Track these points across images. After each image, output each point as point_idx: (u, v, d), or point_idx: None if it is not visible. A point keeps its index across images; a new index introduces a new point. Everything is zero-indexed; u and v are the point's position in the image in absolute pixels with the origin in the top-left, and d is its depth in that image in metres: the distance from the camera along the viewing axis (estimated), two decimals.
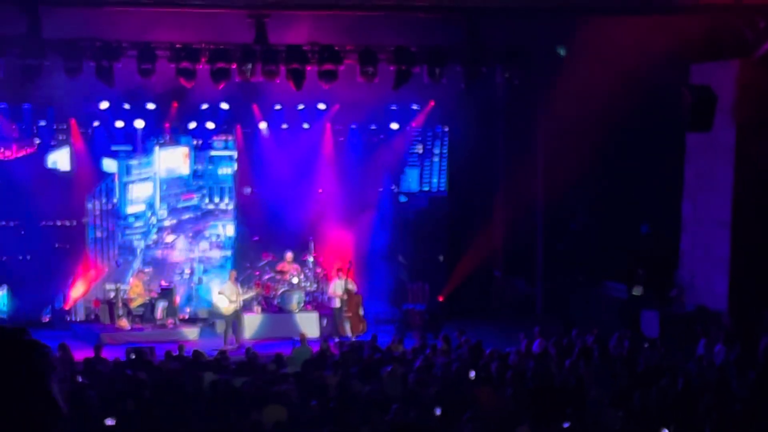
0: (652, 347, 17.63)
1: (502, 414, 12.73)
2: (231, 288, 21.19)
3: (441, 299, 23.77)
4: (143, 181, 23.00)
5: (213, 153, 23.46)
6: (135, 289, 21.69)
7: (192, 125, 23.03)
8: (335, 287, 21.82)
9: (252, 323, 21.63)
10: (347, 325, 21.59)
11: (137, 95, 21.61)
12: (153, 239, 23.25)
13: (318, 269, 22.99)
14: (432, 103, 23.92)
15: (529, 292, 24.97)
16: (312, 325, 21.49)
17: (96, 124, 22.56)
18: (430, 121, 24.62)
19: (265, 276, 22.43)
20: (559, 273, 24.00)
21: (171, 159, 23.12)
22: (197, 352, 17.26)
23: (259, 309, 21.90)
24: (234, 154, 23.59)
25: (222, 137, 23.42)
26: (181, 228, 23.44)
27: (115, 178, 22.76)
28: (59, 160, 22.58)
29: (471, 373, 15.15)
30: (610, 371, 15.44)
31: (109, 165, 22.75)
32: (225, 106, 22.73)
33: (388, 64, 19.43)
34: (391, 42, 19.43)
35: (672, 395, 13.49)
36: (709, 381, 14.44)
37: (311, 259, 22.90)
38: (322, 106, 23.37)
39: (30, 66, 18.01)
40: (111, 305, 21.63)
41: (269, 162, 23.75)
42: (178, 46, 18.86)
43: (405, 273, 24.34)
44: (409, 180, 25.12)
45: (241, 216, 23.89)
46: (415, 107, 24.10)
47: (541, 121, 23.90)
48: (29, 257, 22.48)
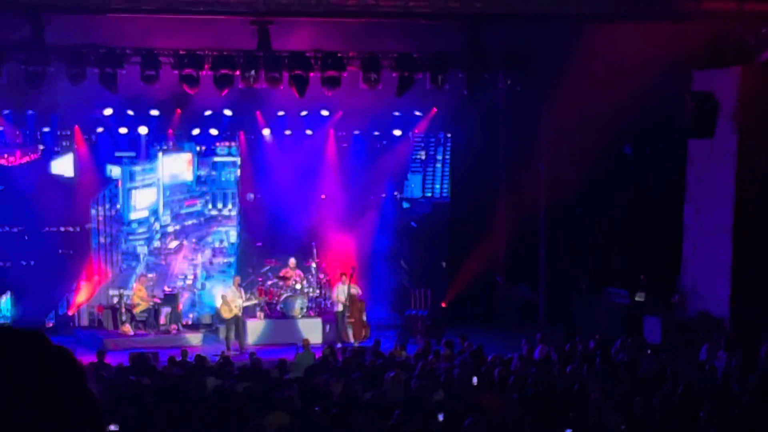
0: (654, 353, 17.63)
1: (505, 420, 12.75)
2: (234, 293, 21.24)
3: (444, 305, 23.78)
4: (147, 187, 23.05)
5: (216, 159, 23.52)
6: (138, 295, 21.73)
7: (195, 131, 23.09)
8: (338, 293, 21.85)
9: (255, 329, 21.67)
10: (350, 331, 21.62)
11: (141, 102, 21.66)
12: (156, 245, 23.30)
13: (321, 275, 23.01)
14: (435, 110, 23.93)
15: (532, 298, 24.93)
16: (315, 331, 21.49)
17: (99, 130, 22.63)
18: (432, 128, 24.63)
19: (268, 282, 22.46)
20: (562, 279, 23.98)
21: (174, 165, 23.17)
22: (200, 357, 17.31)
23: (263, 315, 21.92)
24: (237, 160, 23.63)
25: (225, 143, 23.48)
26: (185, 234, 23.49)
27: (119, 184, 22.81)
28: (63, 166, 22.64)
29: (474, 379, 15.17)
30: (612, 377, 15.45)
31: (113, 171, 22.81)
32: (228, 112, 22.78)
33: (391, 70, 19.50)
34: (394, 49, 19.49)
35: (674, 401, 13.51)
36: (712, 387, 14.45)
37: (314, 265, 22.92)
38: (325, 112, 23.40)
39: (34, 72, 18.08)
40: (114, 311, 21.69)
41: (272, 168, 23.79)
42: (181, 52, 18.94)
43: (407, 279, 24.35)
44: (412, 186, 25.13)
45: (245, 222, 23.93)
46: (418, 113, 24.11)
47: (544, 128, 23.89)
48: (33, 263, 22.50)
